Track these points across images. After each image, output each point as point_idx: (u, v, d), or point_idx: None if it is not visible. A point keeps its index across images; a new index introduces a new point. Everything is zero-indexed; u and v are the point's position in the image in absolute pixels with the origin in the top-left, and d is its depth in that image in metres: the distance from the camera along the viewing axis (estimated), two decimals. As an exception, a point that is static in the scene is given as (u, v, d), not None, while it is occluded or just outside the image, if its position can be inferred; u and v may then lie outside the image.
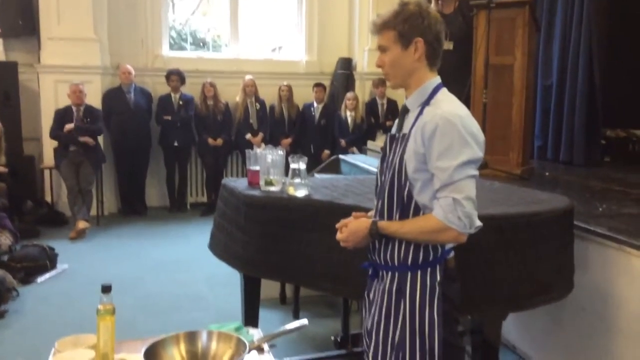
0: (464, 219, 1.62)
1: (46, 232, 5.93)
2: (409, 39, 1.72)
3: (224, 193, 2.97)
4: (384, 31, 1.75)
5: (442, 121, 1.64)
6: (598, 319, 2.87)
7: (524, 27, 4.20)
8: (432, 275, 1.73)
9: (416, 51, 1.72)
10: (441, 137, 1.63)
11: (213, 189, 6.97)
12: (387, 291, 1.77)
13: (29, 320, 3.88)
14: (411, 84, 1.77)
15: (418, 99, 1.76)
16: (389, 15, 1.74)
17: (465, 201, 1.62)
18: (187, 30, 8.20)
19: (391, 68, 1.76)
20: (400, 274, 1.75)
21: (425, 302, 1.71)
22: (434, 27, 1.74)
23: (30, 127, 6.73)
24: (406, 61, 1.74)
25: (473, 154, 1.65)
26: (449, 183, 1.63)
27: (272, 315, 3.89)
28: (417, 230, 1.69)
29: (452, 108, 1.68)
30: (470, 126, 1.67)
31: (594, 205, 3.45)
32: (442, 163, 1.63)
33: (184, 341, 1.63)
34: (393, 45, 1.73)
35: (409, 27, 1.71)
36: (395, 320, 1.74)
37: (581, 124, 5.33)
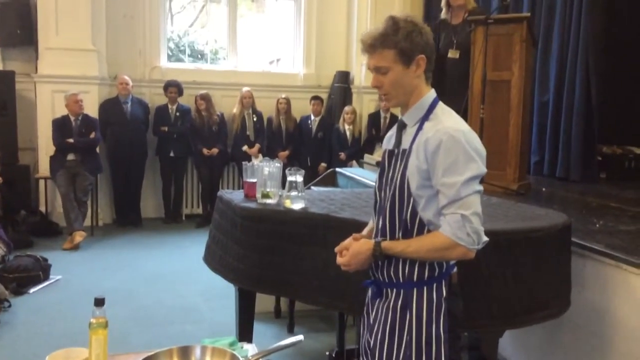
0: (472, 235, 1.60)
1: (40, 242, 5.89)
2: (411, 56, 1.67)
3: (220, 205, 2.96)
4: (380, 50, 1.67)
5: (445, 137, 1.61)
6: (595, 337, 2.85)
7: (522, 42, 4.21)
8: (438, 290, 1.71)
9: (418, 68, 1.69)
10: (446, 153, 1.60)
11: (209, 201, 6.95)
12: (391, 308, 1.74)
13: (21, 332, 3.83)
14: (411, 99, 1.73)
15: (416, 114, 1.72)
16: (384, 32, 1.67)
17: (473, 217, 1.60)
18: (185, 42, 8.22)
19: (392, 88, 1.71)
20: (406, 291, 1.72)
21: (431, 319, 1.69)
22: (430, 41, 1.71)
23: (26, 137, 6.71)
24: (408, 79, 1.70)
25: (478, 169, 1.63)
26: (456, 199, 1.60)
27: (266, 329, 3.86)
28: (425, 249, 1.66)
29: (453, 123, 1.66)
30: (473, 141, 1.65)
31: (590, 221, 3.44)
32: (448, 179, 1.60)
33: (177, 356, 1.60)
34: (393, 64, 1.67)
35: (410, 45, 1.66)
36: (400, 338, 1.71)
37: (578, 140, 5.35)
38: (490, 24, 4.17)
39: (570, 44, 5.45)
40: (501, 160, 4.27)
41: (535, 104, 5.65)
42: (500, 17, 4.30)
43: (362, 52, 1.74)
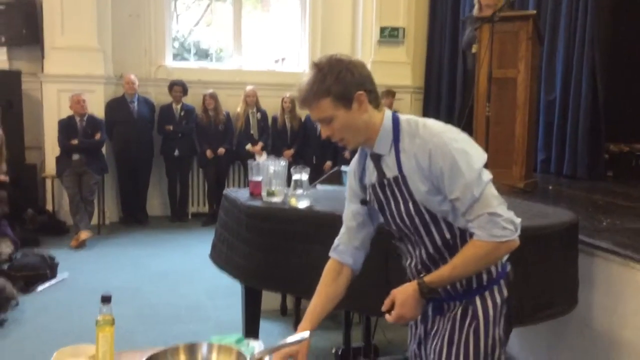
0: (508, 225, 1.53)
1: (47, 240, 5.91)
2: (349, 97, 1.56)
3: (226, 204, 2.96)
4: (317, 102, 1.57)
5: (430, 146, 1.54)
6: (602, 335, 2.84)
7: (528, 40, 4.21)
8: (500, 292, 1.67)
9: (361, 104, 1.58)
10: (439, 163, 1.53)
11: (214, 199, 6.96)
12: (453, 319, 1.68)
13: (28, 329, 3.85)
14: (369, 134, 1.63)
15: (386, 141, 1.63)
16: (313, 83, 1.56)
17: (499, 209, 1.54)
18: (190, 41, 8.23)
19: (344, 133, 1.61)
20: (468, 301, 1.66)
21: (496, 322, 1.65)
22: (364, 73, 1.59)
23: (33, 136, 6.74)
24: (356, 120, 1.59)
25: (477, 159, 1.56)
26: (473, 201, 1.53)
27: (272, 327, 3.86)
28: (472, 264, 1.57)
29: (429, 130, 1.58)
30: (457, 137, 1.57)
31: (597, 219, 3.43)
32: (457, 185, 1.53)
33: (183, 353, 1.60)
34: (335, 111, 1.56)
35: (343, 87, 1.55)
36: (466, 347, 1.65)
37: (584, 138, 5.33)
38: (496, 22, 4.16)
39: (576, 42, 5.43)
40: (507, 159, 4.26)
41: (542, 101, 5.63)
42: (506, 15, 4.28)
43: (300, 108, 1.65)
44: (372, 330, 3.27)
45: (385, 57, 7.66)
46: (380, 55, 7.67)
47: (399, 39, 7.77)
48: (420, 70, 8.09)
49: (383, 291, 1.96)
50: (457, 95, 7.20)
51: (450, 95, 7.51)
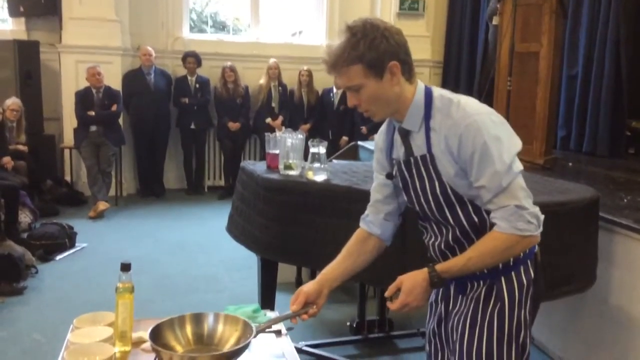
0: (533, 220, 1.47)
1: (65, 211, 5.99)
2: (381, 66, 1.47)
3: (243, 176, 2.96)
4: (346, 68, 1.48)
5: (461, 130, 1.45)
6: (620, 312, 2.82)
7: (551, 14, 4.11)
8: (527, 273, 1.59)
9: (393, 76, 1.49)
10: (469, 147, 1.45)
11: (231, 173, 6.98)
12: (477, 299, 1.61)
13: (47, 297, 3.92)
14: (399, 107, 1.54)
15: (416, 117, 1.54)
16: (345, 47, 1.47)
17: (526, 202, 1.46)
18: (207, 13, 8.17)
19: (372, 104, 1.52)
20: (493, 281, 1.58)
21: (522, 303, 1.58)
22: (399, 42, 1.50)
23: (51, 107, 6.78)
24: (387, 91, 1.50)
25: (510, 147, 1.47)
26: (500, 191, 1.45)
27: (288, 299, 3.83)
28: (489, 256, 1.50)
29: (462, 111, 1.48)
30: (490, 121, 1.47)
31: (618, 196, 3.38)
32: (485, 173, 1.45)
33: (190, 323, 1.60)
34: (365, 80, 1.48)
35: (376, 54, 1.46)
36: (490, 327, 1.58)
37: (606, 115, 5.24)
38: (519, -6, 4.07)
39: (600, 16, 5.31)
40: (528, 134, 4.21)
41: (564, 77, 5.53)
42: (530, -13, 4.19)
43: (328, 72, 1.53)
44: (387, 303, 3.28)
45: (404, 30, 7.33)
46: (400, 28, 7.54)
47: (419, 12, 7.64)
48: (439, 44, 7.97)
49: (399, 264, 1.96)
50: (476, 70, 7.10)
51: (470, 70, 7.40)
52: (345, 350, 3.29)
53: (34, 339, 3.32)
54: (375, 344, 3.39)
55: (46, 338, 3.31)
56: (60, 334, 1.78)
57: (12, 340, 3.29)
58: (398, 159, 1.64)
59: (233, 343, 1.55)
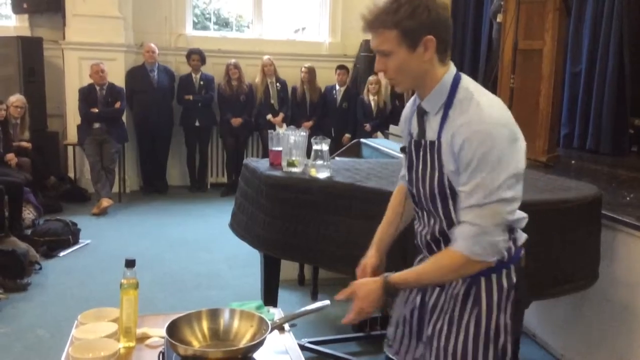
0: (488, 247, 1.43)
1: (69, 207, 6.00)
2: (417, 38, 1.41)
3: (246, 173, 2.96)
4: (382, 31, 1.43)
5: (469, 134, 1.40)
6: (622, 310, 2.82)
7: (555, 11, 4.11)
8: (508, 277, 1.56)
9: (427, 51, 1.43)
10: (469, 153, 1.40)
11: (233, 170, 6.99)
12: (455, 297, 1.58)
13: (51, 293, 3.94)
14: (424, 84, 1.50)
15: (437, 101, 1.49)
16: (386, 9, 1.42)
17: (495, 229, 1.42)
18: (210, 10, 8.18)
19: (398, 73, 1.48)
20: (473, 280, 1.55)
21: (501, 307, 1.55)
22: (442, 18, 1.44)
23: (55, 104, 6.80)
24: (415, 65, 1.45)
25: (506, 173, 1.40)
26: (476, 204, 1.41)
27: (290, 296, 3.90)
28: (440, 274, 1.51)
29: (478, 113, 1.41)
30: (501, 135, 1.40)
31: (621, 194, 3.39)
32: (472, 180, 1.41)
33: (206, 318, 1.62)
34: (397, 47, 1.43)
35: (415, 24, 1.40)
36: (467, 328, 1.56)
37: (609, 113, 5.23)
38: (523, -9, 4.07)
39: (604, 13, 5.29)
40: (530, 132, 4.20)
41: (567, 74, 5.52)
42: (533, -16, 4.18)
43: (363, 30, 1.49)
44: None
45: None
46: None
47: (422, 9, 7.62)
48: (442, 42, 7.95)
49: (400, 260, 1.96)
50: (479, 67, 7.08)
51: (473, 67, 7.38)
52: (347, 347, 3.30)
53: (38, 334, 3.33)
54: (377, 341, 3.39)
55: (50, 334, 3.33)
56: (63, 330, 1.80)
57: (16, 336, 3.31)
58: (412, 136, 1.62)
59: (249, 339, 1.57)
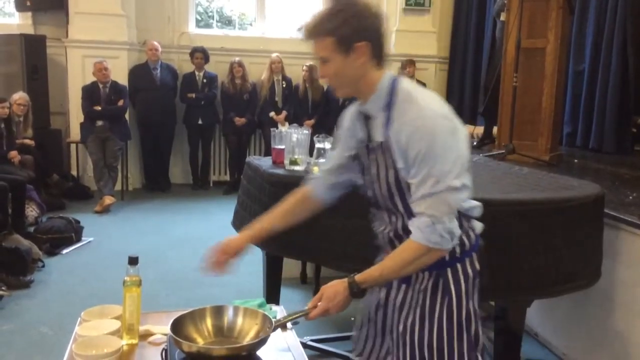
0: (445, 234, 1.48)
1: (71, 205, 6.01)
2: (350, 44, 1.48)
3: (249, 171, 2.97)
4: (319, 38, 1.51)
5: (412, 129, 1.46)
6: (625, 309, 2.82)
7: (558, 9, 4.10)
8: (472, 265, 1.62)
9: (360, 56, 1.50)
10: (415, 147, 1.46)
11: (236, 168, 6.99)
12: (424, 290, 1.62)
13: (54, 290, 3.95)
14: (362, 89, 1.56)
15: (377, 104, 1.55)
16: (322, 18, 1.50)
17: (445, 216, 1.47)
18: (213, 8, 8.18)
19: (336, 79, 1.55)
20: (440, 272, 1.60)
21: (469, 294, 1.60)
22: (375, 25, 1.51)
23: (58, 101, 6.81)
24: (350, 70, 1.52)
25: (451, 159, 1.47)
26: (427, 195, 1.46)
27: (292, 294, 3.90)
28: (400, 266, 1.54)
29: (419, 110, 1.49)
30: (443, 128, 1.47)
31: (623, 193, 3.38)
32: (419, 175, 1.47)
33: (210, 315, 1.63)
34: (333, 54, 1.50)
35: (348, 31, 1.47)
36: (440, 319, 1.59)
37: (612, 111, 5.22)
38: (526, -11, 4.06)
39: (608, 12, 5.28)
40: (533, 131, 4.21)
41: (570, 73, 5.52)
42: (537, -17, 4.18)
43: (304, 39, 1.57)
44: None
45: (410, 26, 7.53)
46: (405, 24, 7.53)
47: (425, 7, 7.61)
48: (445, 40, 7.95)
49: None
50: (482, 66, 7.08)
51: (476, 66, 7.38)
52: (349, 345, 3.29)
53: (41, 331, 3.34)
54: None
55: (53, 331, 3.34)
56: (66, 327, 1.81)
57: (19, 333, 3.32)
58: (361, 141, 1.66)
59: (253, 336, 1.58)
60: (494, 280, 2.27)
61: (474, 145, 5.12)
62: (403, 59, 7.35)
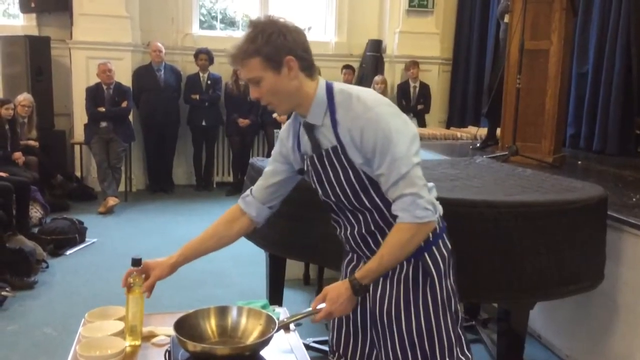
0: (429, 206, 1.54)
1: (75, 206, 6.03)
2: (278, 60, 1.54)
3: (252, 172, 2.97)
4: (247, 61, 1.56)
5: (362, 123, 1.53)
6: (628, 311, 2.81)
7: (562, 11, 4.09)
8: (445, 245, 1.70)
9: (290, 70, 1.55)
10: (370, 139, 1.53)
11: (239, 169, 7.01)
12: (402, 279, 1.67)
13: (58, 291, 3.96)
14: (300, 101, 1.61)
15: (319, 112, 1.61)
16: (245, 41, 1.55)
17: (422, 191, 1.54)
18: (217, 9, 8.19)
19: (272, 97, 1.59)
20: (418, 258, 1.65)
21: (447, 273, 1.69)
22: (298, 39, 1.57)
23: (62, 102, 6.83)
24: (284, 84, 1.57)
25: (407, 140, 1.54)
26: (399, 178, 1.53)
27: (295, 295, 3.91)
28: (398, 250, 1.57)
29: (362, 105, 1.55)
30: (387, 113, 1.55)
31: (627, 195, 3.37)
32: (384, 161, 1.53)
33: (214, 315, 1.64)
34: (263, 72, 1.55)
35: (273, 49, 1.53)
36: (425, 304, 1.66)
37: (616, 113, 5.21)
38: (529, -9, 4.05)
39: (611, 14, 5.27)
40: (537, 132, 4.20)
41: (574, 75, 5.51)
42: (540, -16, 4.17)
43: (231, 65, 1.64)
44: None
45: (413, 28, 7.53)
46: (409, 26, 7.54)
47: (429, 9, 7.61)
48: (449, 42, 7.95)
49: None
50: (486, 67, 7.07)
51: (479, 67, 7.38)
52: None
53: (45, 332, 3.35)
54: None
55: (57, 332, 3.35)
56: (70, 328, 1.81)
57: (23, 334, 3.33)
58: (308, 154, 1.69)
59: (256, 336, 1.59)
60: (497, 282, 2.28)
61: (478, 146, 5.11)
62: (406, 61, 7.37)
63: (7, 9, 7.37)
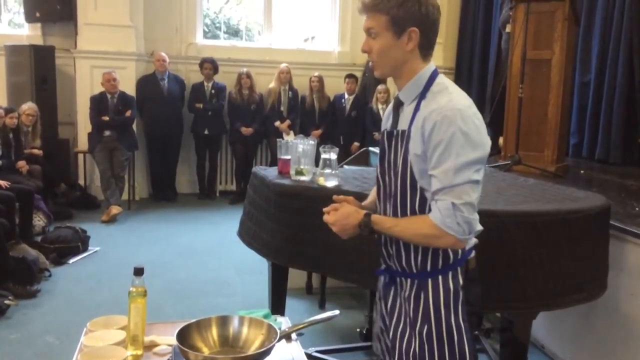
0: (463, 224, 1.48)
1: (79, 214, 6.04)
2: (403, 27, 1.52)
3: (255, 181, 2.98)
4: (374, 13, 1.54)
5: (439, 117, 1.48)
6: (630, 321, 2.80)
7: (564, 21, 4.11)
8: (454, 279, 1.60)
9: (409, 41, 1.53)
10: (439, 135, 1.47)
11: (242, 178, 7.01)
12: (407, 299, 1.65)
13: (61, 300, 3.96)
14: (402, 74, 1.59)
15: (412, 92, 1.59)
16: None
17: (464, 207, 1.48)
18: (221, 19, 8.24)
19: (379, 57, 1.57)
20: (420, 281, 1.62)
21: (449, 308, 1.58)
22: (431, 15, 1.54)
23: (66, 111, 6.86)
24: (397, 52, 1.55)
25: (475, 155, 1.49)
26: (447, 187, 1.48)
27: (298, 305, 3.90)
28: (411, 232, 1.56)
29: (449, 101, 1.51)
30: (471, 120, 1.49)
31: (630, 205, 3.37)
32: (441, 164, 1.48)
33: (216, 325, 1.64)
34: (384, 31, 1.53)
35: (404, 14, 1.51)
36: (421, 329, 1.60)
37: (618, 123, 5.21)
38: (531, 1, 4.06)
39: (613, 23, 5.29)
40: (539, 142, 4.20)
41: (576, 84, 5.52)
42: (542, -6, 4.18)
43: (359, 12, 1.59)
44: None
45: (416, 37, 7.53)
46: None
47: (431, 18, 7.62)
48: (451, 51, 7.97)
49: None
50: (489, 76, 7.08)
51: (482, 76, 7.39)
52: (354, 356, 3.30)
53: (47, 341, 3.35)
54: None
55: (59, 340, 3.35)
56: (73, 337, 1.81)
57: (25, 343, 3.33)
58: (387, 129, 1.68)
59: (258, 346, 1.58)
60: (500, 292, 2.27)
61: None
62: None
63: (12, 19, 7.42)
